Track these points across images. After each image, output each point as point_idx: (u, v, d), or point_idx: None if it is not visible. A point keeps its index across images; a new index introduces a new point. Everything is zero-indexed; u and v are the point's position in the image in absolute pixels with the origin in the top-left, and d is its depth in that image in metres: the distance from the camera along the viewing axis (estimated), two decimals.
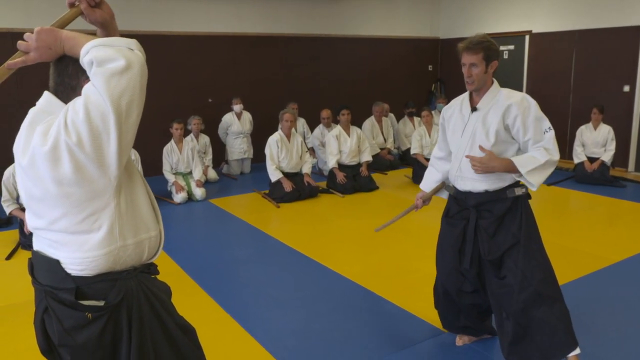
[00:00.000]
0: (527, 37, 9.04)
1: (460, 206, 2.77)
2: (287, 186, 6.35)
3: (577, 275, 3.89)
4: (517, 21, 9.16)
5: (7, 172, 4.92)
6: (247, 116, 8.19)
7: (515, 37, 9.20)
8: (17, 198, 4.99)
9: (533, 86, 9.01)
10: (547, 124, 2.63)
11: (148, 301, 1.62)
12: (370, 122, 8.51)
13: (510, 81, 9.06)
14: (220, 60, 8.42)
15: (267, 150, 6.56)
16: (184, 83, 8.12)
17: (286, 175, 6.50)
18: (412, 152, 7.30)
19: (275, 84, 8.89)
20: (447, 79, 10.57)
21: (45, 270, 1.55)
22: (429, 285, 3.83)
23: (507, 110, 2.57)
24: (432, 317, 3.32)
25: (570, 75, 8.53)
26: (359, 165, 7.05)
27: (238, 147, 8.07)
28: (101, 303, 1.53)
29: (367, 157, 7.13)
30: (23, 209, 4.93)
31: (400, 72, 10.24)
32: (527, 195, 2.71)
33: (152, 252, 1.65)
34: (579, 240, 4.77)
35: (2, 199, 4.93)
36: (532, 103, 2.60)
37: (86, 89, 1.39)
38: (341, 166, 6.94)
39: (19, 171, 1.51)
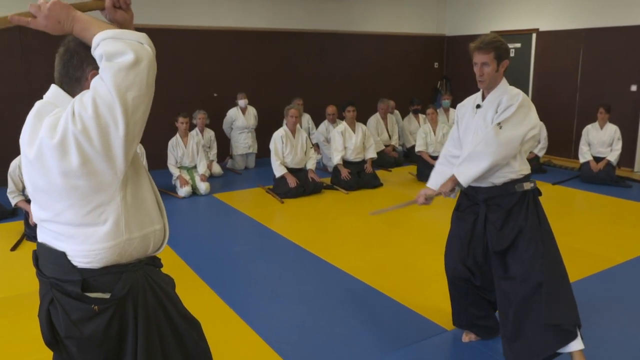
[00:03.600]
0: (534, 35, 9.00)
1: (471, 201, 2.83)
2: (292, 182, 6.35)
3: (582, 276, 3.88)
4: (524, 19, 9.11)
5: (13, 164, 4.93)
6: (252, 111, 8.18)
7: (522, 35, 9.16)
8: (23, 190, 5.01)
9: (539, 84, 8.97)
10: (509, 121, 2.58)
11: (154, 293, 1.63)
12: (375, 119, 8.50)
13: (516, 79, 9.03)
14: (226, 54, 8.41)
15: (271, 146, 6.56)
16: (190, 77, 8.12)
17: (290, 170, 6.50)
18: (417, 149, 7.29)
19: (280, 79, 8.88)
20: (452, 76, 10.53)
21: (50, 262, 1.54)
22: (433, 283, 3.83)
23: (500, 102, 2.63)
24: (435, 315, 3.32)
25: (577, 74, 8.49)
26: (364, 161, 7.04)
27: (242, 142, 8.07)
28: (107, 295, 1.53)
29: (371, 153, 7.12)
30: (28, 201, 4.96)
31: (406, 69, 10.21)
32: (537, 191, 2.76)
33: (157, 245, 1.66)
34: (583, 240, 4.75)
35: (8, 191, 4.95)
36: (521, 100, 2.59)
37: (95, 83, 1.39)
38: (346, 162, 6.94)
39: (25, 163, 1.51)
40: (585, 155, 7.17)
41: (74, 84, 1.53)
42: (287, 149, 6.57)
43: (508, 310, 2.65)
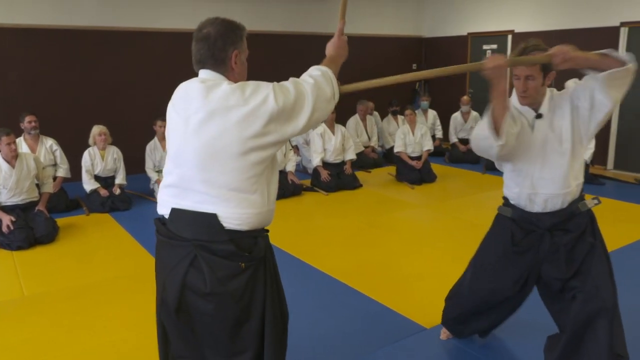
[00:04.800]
0: (509, 37, 9.14)
1: (525, 230, 2.49)
2: None
3: None
4: (500, 21, 9.25)
5: None
6: None
7: (498, 37, 9.30)
8: None
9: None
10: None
11: (272, 256, 1.91)
12: (354, 120, 8.54)
13: None
14: None
15: None
16: (169, 80, 7.95)
17: None
18: (396, 150, 7.34)
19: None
20: (430, 78, 10.62)
21: (195, 225, 1.71)
22: (411, 282, 3.87)
23: (570, 95, 2.46)
24: (414, 314, 3.36)
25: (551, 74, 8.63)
26: (343, 163, 7.08)
27: None
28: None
29: (351, 155, 7.16)
30: (1, 208, 4.87)
31: (385, 71, 10.23)
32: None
33: (270, 220, 1.90)
34: None
35: None
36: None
37: (299, 85, 1.76)
38: (325, 164, 6.96)
39: (182, 126, 1.72)
40: None
41: (219, 65, 1.79)
42: None
43: (566, 325, 2.40)
